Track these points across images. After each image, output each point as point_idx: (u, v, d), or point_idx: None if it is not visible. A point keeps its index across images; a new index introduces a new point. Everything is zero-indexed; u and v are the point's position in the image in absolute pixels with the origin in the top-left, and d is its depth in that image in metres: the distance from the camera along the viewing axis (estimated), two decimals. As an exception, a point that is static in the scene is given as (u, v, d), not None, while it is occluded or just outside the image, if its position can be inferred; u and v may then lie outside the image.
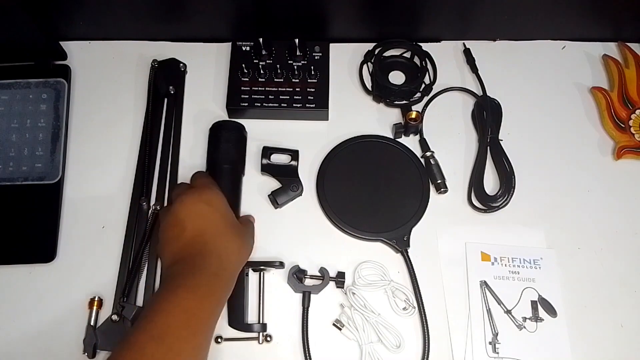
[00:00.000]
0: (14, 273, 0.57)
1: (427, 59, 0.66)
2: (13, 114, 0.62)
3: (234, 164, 0.59)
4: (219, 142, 0.59)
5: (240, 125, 0.61)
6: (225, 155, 0.59)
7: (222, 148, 0.58)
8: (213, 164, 0.59)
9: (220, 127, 0.60)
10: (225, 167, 0.58)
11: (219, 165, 0.58)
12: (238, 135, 0.60)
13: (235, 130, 0.60)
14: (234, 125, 0.61)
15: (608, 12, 0.66)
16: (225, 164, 0.58)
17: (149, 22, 0.67)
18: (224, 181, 0.56)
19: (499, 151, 0.61)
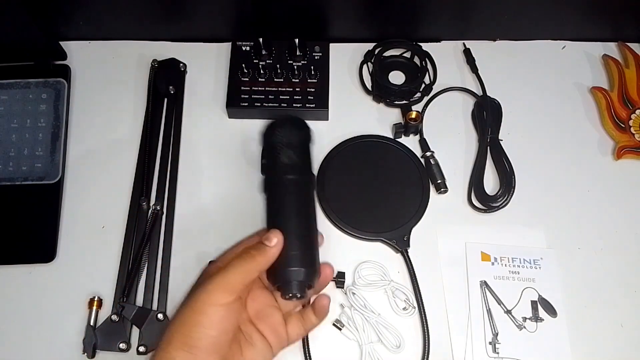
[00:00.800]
0: (14, 273, 0.57)
1: (427, 59, 0.66)
2: (13, 114, 0.62)
3: (300, 173, 0.49)
4: (277, 147, 0.50)
5: (303, 123, 0.52)
6: (286, 163, 0.49)
7: (282, 155, 0.49)
8: (272, 176, 0.49)
9: (278, 127, 0.51)
10: (289, 178, 0.48)
11: (280, 177, 0.49)
12: (302, 135, 0.51)
13: (299, 129, 0.51)
14: (298, 123, 0.51)
15: (608, 12, 0.66)
16: (289, 174, 0.48)
17: (149, 22, 0.67)
18: (288, 198, 0.48)
19: (499, 151, 0.61)
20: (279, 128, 0.50)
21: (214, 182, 0.61)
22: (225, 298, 0.42)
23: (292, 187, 0.48)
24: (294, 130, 0.51)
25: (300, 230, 0.47)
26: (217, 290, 0.42)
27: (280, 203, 0.48)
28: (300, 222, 0.47)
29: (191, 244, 0.58)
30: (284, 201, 0.48)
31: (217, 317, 0.41)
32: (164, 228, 0.58)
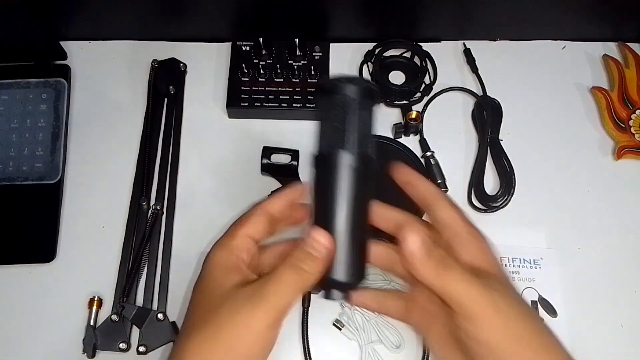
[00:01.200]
0: (14, 273, 0.57)
1: (427, 59, 0.66)
2: (13, 114, 0.62)
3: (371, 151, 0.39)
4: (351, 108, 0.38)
5: (368, 86, 0.39)
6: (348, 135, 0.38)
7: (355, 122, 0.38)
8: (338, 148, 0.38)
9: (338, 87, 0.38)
10: (363, 155, 0.38)
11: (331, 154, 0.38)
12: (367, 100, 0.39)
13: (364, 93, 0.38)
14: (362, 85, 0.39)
15: (608, 12, 0.66)
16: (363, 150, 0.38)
17: (149, 22, 0.67)
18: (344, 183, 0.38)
19: (499, 151, 0.61)
20: (359, 86, 0.38)
21: (214, 182, 0.61)
22: (273, 322, 0.35)
23: (364, 167, 0.38)
24: (372, 94, 0.40)
25: (360, 229, 0.39)
26: (264, 316, 0.35)
27: (331, 197, 0.38)
28: (361, 218, 0.39)
29: (191, 244, 0.58)
30: (353, 187, 0.38)
31: (265, 342, 0.35)
32: (164, 228, 0.58)
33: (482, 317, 0.34)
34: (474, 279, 0.35)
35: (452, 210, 0.39)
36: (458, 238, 0.38)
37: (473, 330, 0.35)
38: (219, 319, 0.35)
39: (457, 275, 0.35)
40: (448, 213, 0.39)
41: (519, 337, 0.34)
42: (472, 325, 0.34)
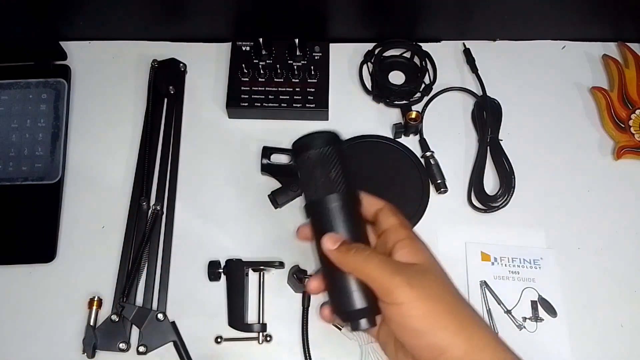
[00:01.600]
0: (14, 273, 0.57)
1: (427, 59, 0.66)
2: (13, 114, 0.62)
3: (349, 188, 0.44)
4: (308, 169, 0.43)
5: (332, 136, 0.45)
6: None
7: (324, 173, 0.43)
8: (319, 197, 0.43)
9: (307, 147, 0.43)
10: (338, 196, 0.43)
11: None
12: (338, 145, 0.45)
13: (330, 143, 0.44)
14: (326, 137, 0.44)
15: (608, 12, 0.66)
16: (338, 192, 0.43)
17: (149, 22, 0.67)
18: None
19: (499, 151, 0.61)
20: (318, 142, 0.44)
21: (214, 182, 0.61)
22: None
23: (342, 206, 0.43)
24: (331, 142, 0.44)
25: None
26: None
27: (342, 219, 0.43)
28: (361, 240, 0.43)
29: (191, 243, 0.58)
30: (336, 224, 0.42)
31: None
32: (164, 228, 0.58)
33: (398, 291, 0.38)
34: (393, 263, 0.40)
35: (392, 217, 0.44)
36: (398, 243, 0.42)
37: (394, 311, 0.38)
38: None
39: (377, 261, 0.39)
40: (390, 221, 0.43)
41: (434, 312, 0.38)
42: (391, 300, 0.38)
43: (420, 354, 0.39)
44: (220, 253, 0.57)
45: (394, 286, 0.38)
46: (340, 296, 0.42)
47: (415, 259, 0.41)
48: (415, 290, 0.38)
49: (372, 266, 0.39)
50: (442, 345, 0.37)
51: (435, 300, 0.38)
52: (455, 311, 0.39)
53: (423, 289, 0.38)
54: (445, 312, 0.38)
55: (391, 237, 0.42)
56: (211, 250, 0.57)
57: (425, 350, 0.38)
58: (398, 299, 0.38)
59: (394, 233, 0.43)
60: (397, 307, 0.38)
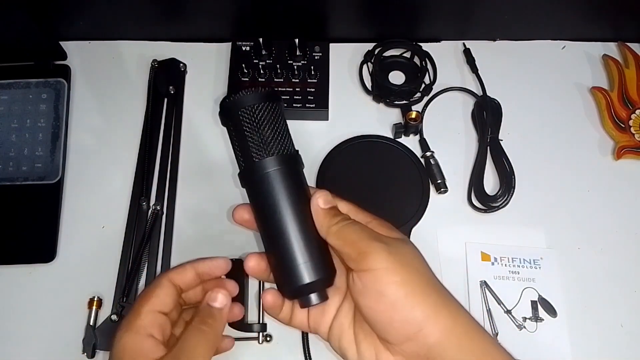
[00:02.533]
0: (14, 273, 0.57)
1: (427, 59, 0.66)
2: (13, 114, 0.62)
3: (286, 153, 0.40)
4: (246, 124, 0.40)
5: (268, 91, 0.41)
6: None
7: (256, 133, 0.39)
8: (251, 165, 0.40)
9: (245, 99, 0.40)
10: (274, 163, 0.39)
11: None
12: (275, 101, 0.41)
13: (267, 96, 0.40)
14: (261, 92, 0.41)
15: (608, 12, 0.66)
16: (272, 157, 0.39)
17: (149, 22, 0.67)
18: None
19: (499, 151, 0.61)
20: (246, 100, 0.40)
21: (213, 182, 0.61)
22: None
23: (280, 175, 0.39)
24: (270, 96, 0.41)
25: (303, 229, 0.39)
26: None
27: (270, 200, 0.39)
28: (299, 219, 0.39)
29: (191, 244, 0.58)
30: (274, 198, 0.39)
31: None
32: (164, 228, 0.58)
33: (376, 255, 0.36)
34: (373, 231, 0.38)
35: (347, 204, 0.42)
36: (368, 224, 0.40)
37: (369, 278, 0.36)
38: None
39: (357, 226, 0.38)
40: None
41: (412, 282, 0.36)
42: (368, 265, 0.36)
43: (392, 332, 0.36)
44: (220, 253, 0.57)
45: (373, 250, 0.36)
46: (287, 270, 0.39)
47: (393, 234, 0.39)
48: (394, 257, 0.36)
49: (351, 230, 0.38)
50: (419, 320, 0.35)
51: (414, 271, 0.36)
52: (435, 287, 0.37)
53: (403, 257, 0.37)
54: (424, 285, 0.36)
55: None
56: (211, 251, 0.57)
57: (399, 326, 0.35)
58: (375, 264, 0.36)
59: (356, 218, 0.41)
60: (373, 273, 0.36)
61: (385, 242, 0.37)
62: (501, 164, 0.61)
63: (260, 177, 0.39)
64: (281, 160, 0.39)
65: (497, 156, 0.61)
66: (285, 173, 0.39)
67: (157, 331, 0.40)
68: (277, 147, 0.39)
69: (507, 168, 0.60)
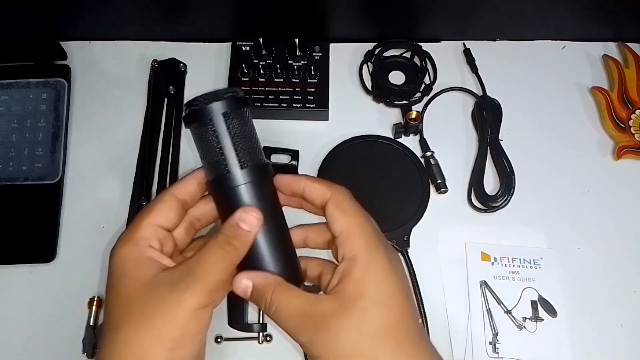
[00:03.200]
0: (14, 273, 0.57)
1: (427, 59, 0.66)
2: (13, 114, 0.62)
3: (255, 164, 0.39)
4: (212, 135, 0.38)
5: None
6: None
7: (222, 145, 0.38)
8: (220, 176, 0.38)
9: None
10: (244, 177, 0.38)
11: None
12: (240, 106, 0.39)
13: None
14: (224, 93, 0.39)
15: (608, 12, 0.66)
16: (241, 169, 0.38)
17: (149, 22, 0.67)
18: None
19: (499, 151, 0.61)
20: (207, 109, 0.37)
21: (214, 182, 0.61)
22: (207, 301, 0.34)
23: (252, 188, 0.38)
24: (238, 100, 0.38)
25: (275, 241, 0.38)
26: (197, 294, 0.33)
27: (250, 203, 0.38)
28: (271, 231, 0.38)
29: (191, 244, 0.58)
30: (255, 200, 0.38)
31: (200, 325, 0.34)
32: (164, 228, 0.58)
33: (353, 238, 0.35)
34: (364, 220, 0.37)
35: (341, 218, 0.38)
36: (346, 262, 0.36)
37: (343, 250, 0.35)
38: (146, 309, 0.33)
39: (294, 313, 0.35)
40: (337, 223, 0.38)
41: (381, 277, 0.34)
42: (344, 242, 0.35)
43: None
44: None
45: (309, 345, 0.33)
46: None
47: (361, 289, 0.34)
48: (371, 250, 0.35)
49: (347, 218, 0.36)
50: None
51: (385, 263, 0.35)
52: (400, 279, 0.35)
53: (346, 344, 0.32)
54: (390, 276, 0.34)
55: (340, 248, 0.36)
56: (211, 250, 0.57)
57: None
58: (351, 244, 0.35)
59: (343, 243, 0.36)
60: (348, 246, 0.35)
61: (327, 332, 0.33)
62: (501, 164, 0.61)
63: (231, 189, 0.37)
64: (253, 173, 0.38)
65: (497, 156, 0.61)
66: (257, 185, 0.38)
67: (158, 244, 0.37)
68: (248, 158, 0.38)
69: (507, 168, 0.60)
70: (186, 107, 0.38)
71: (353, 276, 0.35)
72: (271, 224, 0.38)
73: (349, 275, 0.35)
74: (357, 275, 0.35)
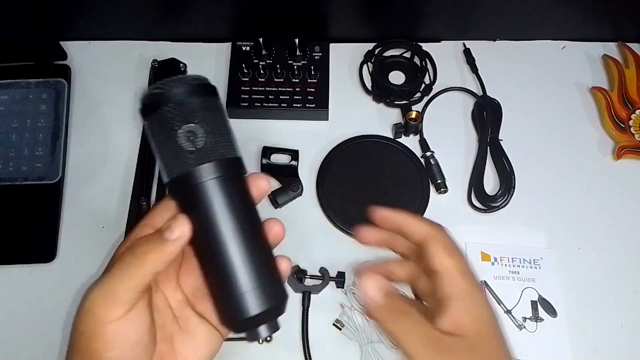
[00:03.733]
0: (14, 273, 0.57)
1: (427, 59, 0.66)
2: (13, 114, 0.62)
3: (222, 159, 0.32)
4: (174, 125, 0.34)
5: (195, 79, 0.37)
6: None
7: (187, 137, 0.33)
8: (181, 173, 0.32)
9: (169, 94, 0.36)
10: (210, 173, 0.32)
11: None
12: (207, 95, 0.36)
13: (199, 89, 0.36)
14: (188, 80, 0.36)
15: (608, 12, 0.66)
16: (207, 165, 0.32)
17: (149, 22, 0.67)
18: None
19: (499, 151, 0.61)
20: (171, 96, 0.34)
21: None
22: (115, 313, 0.30)
23: (220, 184, 0.31)
24: (205, 88, 0.35)
25: (248, 249, 0.32)
26: (100, 306, 0.30)
27: (209, 215, 0.31)
28: (243, 236, 0.32)
29: (191, 244, 0.58)
30: (212, 211, 0.31)
31: (113, 336, 0.30)
32: (164, 228, 0.58)
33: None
34: (429, 339, 0.33)
35: (447, 257, 0.36)
36: (449, 299, 0.34)
37: None
38: (75, 320, 0.31)
39: (419, 334, 0.33)
40: (442, 261, 0.36)
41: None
42: None
43: None
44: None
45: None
46: (232, 299, 0.31)
47: (464, 327, 0.33)
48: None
49: (409, 337, 0.33)
50: None
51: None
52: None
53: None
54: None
55: (443, 286, 0.35)
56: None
57: None
58: None
59: (447, 281, 0.35)
60: None
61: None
62: (501, 164, 0.61)
63: (194, 187, 0.31)
64: (221, 167, 0.31)
65: (497, 156, 0.61)
66: (226, 181, 0.31)
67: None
68: (215, 151, 0.32)
69: (507, 168, 0.60)
70: (147, 95, 0.34)
71: (472, 313, 0.34)
72: (243, 224, 0.32)
73: (465, 311, 0.34)
74: (475, 312, 0.34)
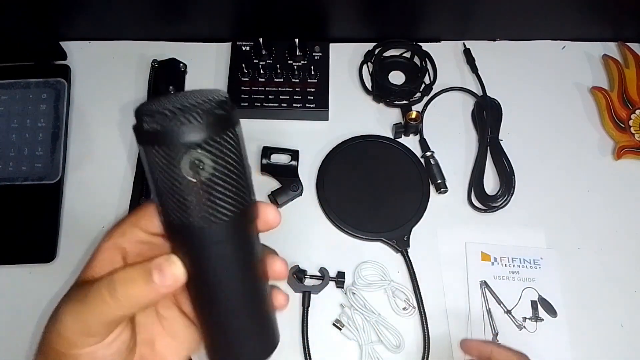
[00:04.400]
0: (14, 273, 0.57)
1: (427, 59, 0.66)
2: (13, 114, 0.62)
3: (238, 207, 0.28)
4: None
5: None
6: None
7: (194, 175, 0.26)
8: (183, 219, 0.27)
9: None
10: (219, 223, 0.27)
11: None
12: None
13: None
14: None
15: (608, 12, 0.66)
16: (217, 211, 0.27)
17: (149, 22, 0.67)
18: None
19: (499, 151, 0.61)
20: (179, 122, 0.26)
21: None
22: (90, 340, 0.29)
23: (235, 243, 0.27)
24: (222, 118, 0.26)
25: (255, 303, 0.30)
26: (74, 334, 0.29)
27: (208, 267, 0.27)
28: (247, 292, 0.29)
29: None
30: (213, 265, 0.27)
31: (89, 358, 0.29)
32: (164, 228, 0.58)
33: None
34: None
35: None
36: None
37: None
38: (44, 344, 0.31)
39: None
40: None
41: None
42: None
43: None
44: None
45: None
46: (226, 349, 0.30)
47: None
48: None
49: None
50: None
51: None
52: None
53: None
54: None
55: None
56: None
57: None
58: None
59: None
60: None
61: None
62: (501, 164, 0.61)
63: (208, 245, 0.27)
64: (238, 223, 0.27)
65: (497, 156, 0.61)
66: (241, 238, 0.28)
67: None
68: (234, 202, 0.27)
69: (507, 168, 0.60)
70: (146, 119, 0.27)
71: None
72: (246, 277, 0.29)
73: None
74: None
